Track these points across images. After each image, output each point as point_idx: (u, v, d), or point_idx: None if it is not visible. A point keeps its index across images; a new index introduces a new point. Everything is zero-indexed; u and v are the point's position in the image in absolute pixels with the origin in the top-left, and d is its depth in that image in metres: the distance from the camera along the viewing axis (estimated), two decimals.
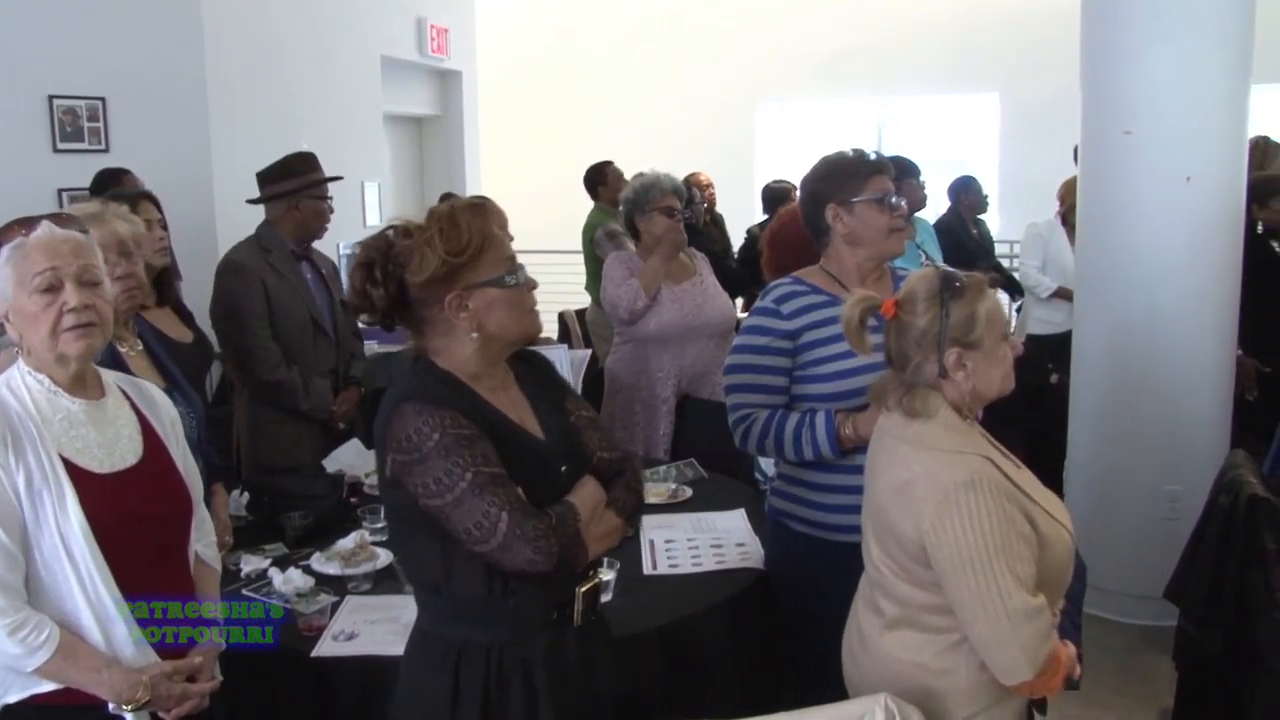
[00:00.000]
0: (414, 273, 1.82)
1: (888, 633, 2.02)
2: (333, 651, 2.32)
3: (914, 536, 1.90)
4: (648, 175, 4.12)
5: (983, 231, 7.03)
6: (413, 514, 1.83)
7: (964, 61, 10.12)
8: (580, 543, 1.86)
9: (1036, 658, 1.85)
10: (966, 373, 1.95)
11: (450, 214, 1.85)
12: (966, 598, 1.85)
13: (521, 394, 1.99)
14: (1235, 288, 4.32)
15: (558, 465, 1.94)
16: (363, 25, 7.55)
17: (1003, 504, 1.85)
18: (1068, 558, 1.99)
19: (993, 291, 2.00)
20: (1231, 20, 4.12)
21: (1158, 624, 3.92)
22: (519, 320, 1.91)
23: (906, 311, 1.98)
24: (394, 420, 1.81)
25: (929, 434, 1.95)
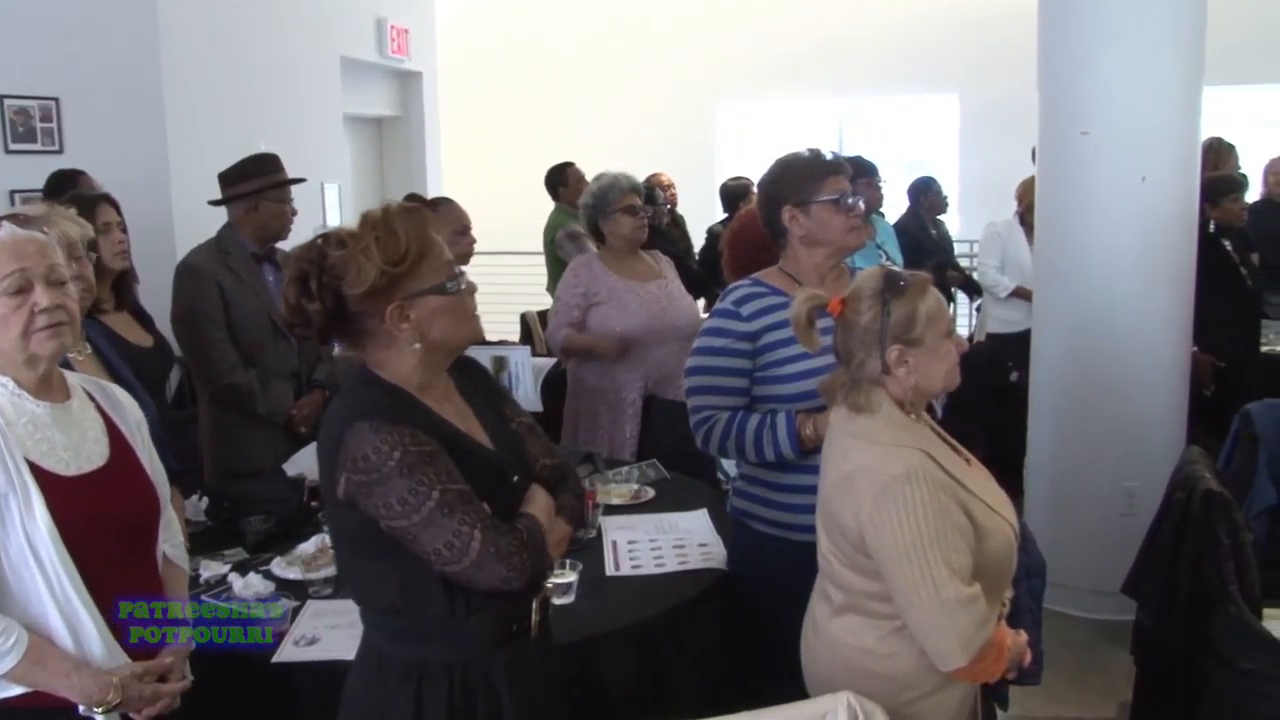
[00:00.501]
0: (351, 285, 1.74)
1: (835, 618, 2.10)
2: (293, 657, 2.29)
3: (854, 527, 1.97)
4: (606, 177, 4.11)
5: (942, 232, 7.09)
6: (366, 535, 1.76)
7: (924, 63, 10.19)
8: (546, 555, 1.85)
9: (970, 645, 1.91)
10: (908, 369, 2.01)
11: (386, 220, 1.77)
12: (902, 585, 1.92)
13: (465, 403, 1.94)
14: (1190, 286, 4.38)
15: (510, 475, 1.90)
16: (322, 26, 7.50)
17: (938, 496, 1.92)
18: (1008, 549, 2.05)
19: (935, 290, 2.05)
20: (1185, 23, 4.19)
21: (1116, 618, 3.94)
22: (461, 327, 1.85)
23: (851, 309, 2.04)
24: (348, 439, 1.72)
25: (871, 428, 2.02)
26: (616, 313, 3.95)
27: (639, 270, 4.08)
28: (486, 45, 10.97)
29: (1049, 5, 4.38)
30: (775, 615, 2.37)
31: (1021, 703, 3.37)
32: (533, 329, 6.73)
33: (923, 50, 10.12)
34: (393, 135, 9.49)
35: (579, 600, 2.49)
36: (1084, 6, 4.22)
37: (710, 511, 3.09)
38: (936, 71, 10.25)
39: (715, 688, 2.54)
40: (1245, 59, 8.35)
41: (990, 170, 6.79)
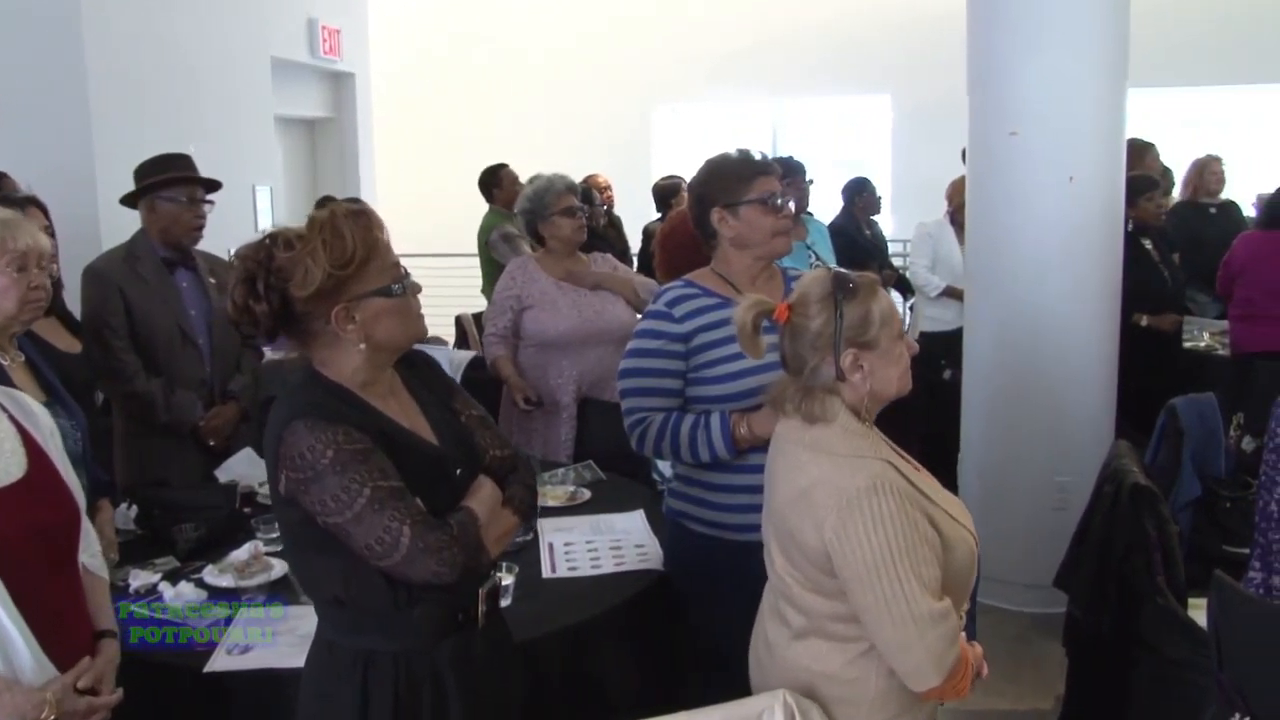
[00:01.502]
0: (298, 287, 1.76)
1: (796, 642, 1.99)
2: (226, 666, 2.25)
3: (817, 544, 1.87)
4: (542, 179, 4.10)
5: (876, 232, 7.16)
6: (310, 531, 1.80)
7: (856, 64, 10.30)
8: (483, 548, 1.86)
9: (944, 663, 1.84)
10: (864, 373, 1.93)
11: (333, 223, 1.79)
12: (872, 604, 1.82)
13: (410, 398, 1.97)
14: (1117, 283, 4.47)
15: (453, 469, 1.93)
16: (252, 26, 7.40)
17: (905, 508, 1.83)
18: (971, 560, 1.97)
19: (885, 291, 1.99)
20: (1108, 27, 4.27)
21: (1049, 611, 4.00)
22: (406, 327, 1.88)
23: (800, 314, 1.96)
24: (286, 437, 1.76)
25: (828, 439, 1.92)
26: (549, 316, 3.94)
27: (574, 273, 4.06)
28: (420, 46, 10.89)
29: (977, 9, 4.45)
30: (712, 615, 2.38)
31: None
32: (468, 331, 6.69)
33: (856, 51, 10.23)
34: (325, 137, 9.41)
35: (515, 603, 2.48)
36: (1011, 10, 4.29)
37: (647, 512, 3.09)
38: (869, 72, 10.37)
39: (652, 688, 2.54)
40: (1166, 62, 8.56)
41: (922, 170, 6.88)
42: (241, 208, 7.18)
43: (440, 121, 10.89)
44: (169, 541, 2.89)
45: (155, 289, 3.56)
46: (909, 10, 9.81)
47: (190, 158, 3.71)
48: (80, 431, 2.70)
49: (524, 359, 4.01)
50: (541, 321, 3.95)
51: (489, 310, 4.17)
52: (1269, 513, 3.32)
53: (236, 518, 3.07)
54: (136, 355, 3.49)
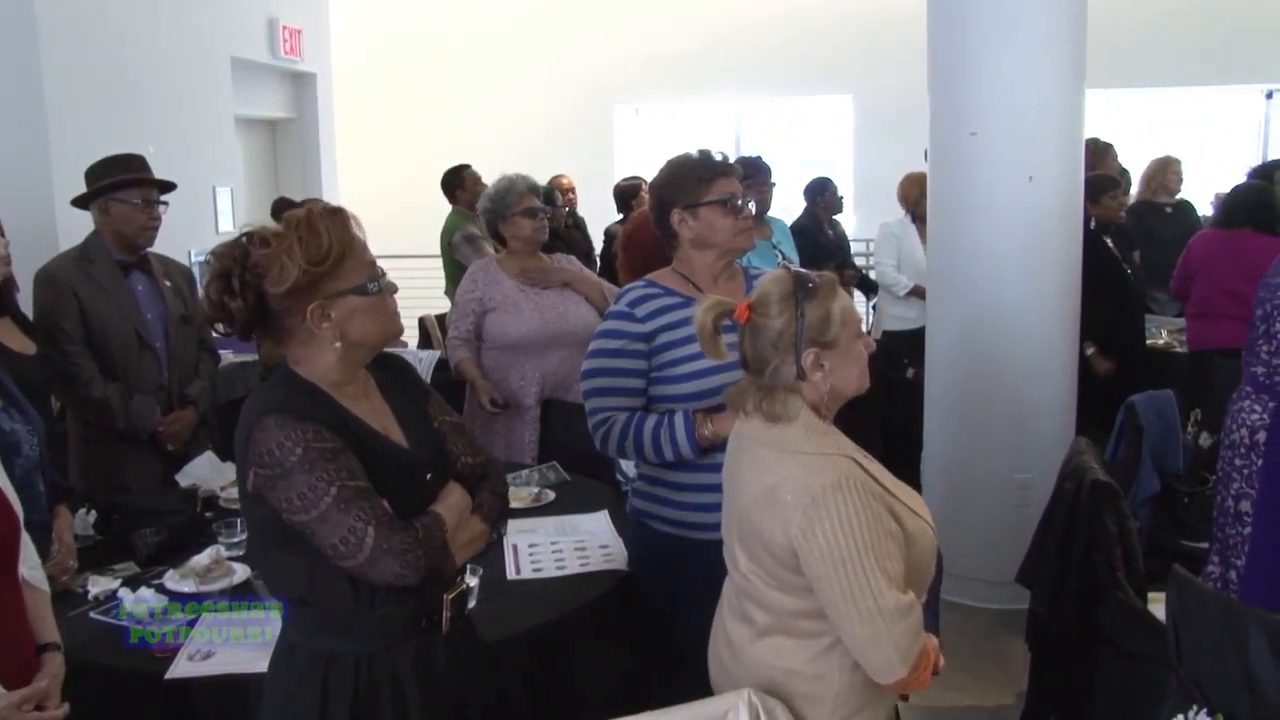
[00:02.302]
0: (274, 283, 1.77)
1: (759, 640, 2.00)
2: (188, 672, 2.23)
3: (784, 543, 1.88)
4: (504, 179, 4.08)
5: (838, 232, 7.18)
6: (275, 528, 1.80)
7: (818, 64, 10.34)
8: (447, 553, 1.86)
9: (909, 654, 1.86)
10: (825, 372, 1.94)
11: (309, 221, 1.80)
12: (839, 599, 1.84)
13: (384, 401, 1.97)
14: (1076, 282, 4.52)
15: (423, 474, 1.93)
16: (211, 25, 7.33)
17: (870, 503, 1.86)
18: (931, 553, 2.01)
19: (843, 290, 2.01)
20: (1067, 28, 4.32)
21: (1011, 607, 4.04)
22: (382, 326, 1.88)
23: (760, 314, 1.97)
24: (256, 434, 1.77)
25: (791, 438, 1.94)
26: (511, 318, 3.93)
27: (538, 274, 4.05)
28: (381, 46, 10.83)
29: (937, 10, 4.48)
30: (676, 615, 2.38)
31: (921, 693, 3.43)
32: (431, 333, 6.66)
33: (818, 52, 10.27)
34: (286, 137, 9.33)
35: (480, 605, 2.46)
36: (970, 12, 4.33)
37: (611, 513, 3.09)
38: (831, 73, 10.41)
39: (618, 689, 2.54)
40: (1122, 63, 8.66)
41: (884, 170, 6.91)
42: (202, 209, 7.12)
43: (402, 122, 10.84)
44: (129, 547, 2.85)
45: (110, 292, 3.51)
46: (871, 11, 9.87)
47: (144, 158, 3.66)
48: (37, 436, 2.66)
49: (487, 361, 4.00)
50: (504, 324, 3.94)
51: (452, 313, 4.15)
52: (1226, 508, 3.37)
53: (197, 522, 3.04)
54: (92, 360, 3.44)
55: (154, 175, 3.63)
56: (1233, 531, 3.34)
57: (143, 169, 3.61)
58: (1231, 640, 2.14)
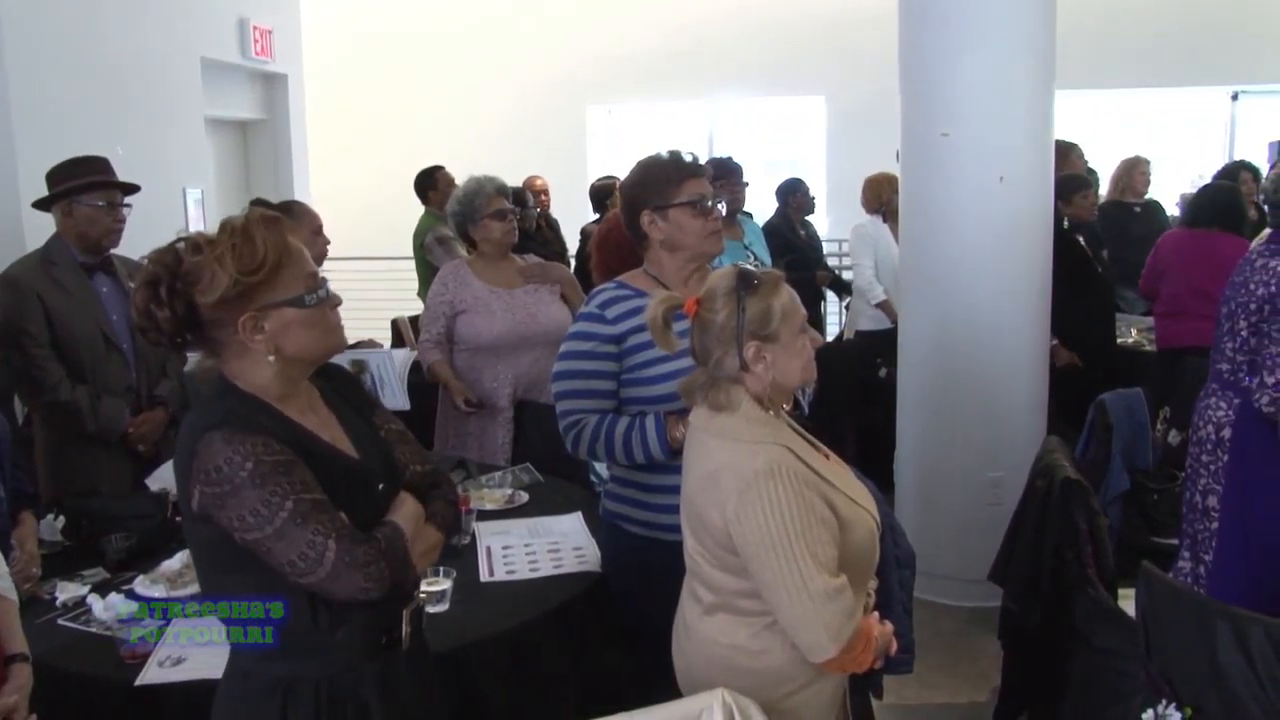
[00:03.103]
0: (203, 293, 1.69)
1: (706, 618, 2.10)
2: (159, 679, 2.21)
3: (720, 525, 1.98)
4: (473, 181, 4.07)
5: (810, 232, 7.21)
6: (224, 549, 1.71)
7: (790, 65, 10.37)
8: (409, 564, 1.81)
9: (840, 635, 1.93)
10: (766, 365, 2.02)
11: (244, 228, 1.72)
12: (771, 580, 1.93)
13: (330, 412, 1.91)
14: (1047, 281, 4.55)
15: (375, 484, 1.87)
16: (181, 25, 7.26)
17: (801, 490, 1.94)
18: (871, 540, 2.09)
19: (788, 287, 2.08)
20: (1036, 31, 4.35)
21: (984, 605, 4.06)
22: (320, 340, 1.80)
23: (706, 309, 2.05)
24: (201, 451, 1.68)
25: (732, 426, 2.03)
26: (483, 320, 3.92)
27: (509, 275, 4.05)
28: (354, 47, 10.78)
29: (908, 12, 4.50)
30: (649, 616, 2.38)
31: (896, 691, 3.46)
32: (404, 334, 6.63)
33: (790, 54, 10.30)
34: (257, 139, 9.26)
35: (453, 607, 2.46)
36: (942, 14, 4.35)
37: (585, 514, 3.09)
38: (803, 74, 10.45)
39: (592, 690, 2.53)
40: (1092, 65, 8.74)
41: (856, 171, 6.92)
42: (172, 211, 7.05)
43: (375, 123, 10.79)
44: (98, 552, 2.82)
45: (74, 295, 3.48)
46: (843, 13, 9.90)
47: (107, 160, 3.62)
48: (2, 440, 2.64)
49: (459, 363, 3.99)
50: (475, 325, 3.93)
51: (423, 316, 4.14)
52: (1194, 504, 3.41)
53: (168, 526, 3.00)
54: (59, 363, 3.41)
55: (117, 177, 3.60)
56: (1201, 527, 3.38)
57: (105, 170, 3.58)
58: (1199, 635, 2.16)
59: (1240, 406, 3.21)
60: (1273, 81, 10.40)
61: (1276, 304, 3.09)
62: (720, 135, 11.20)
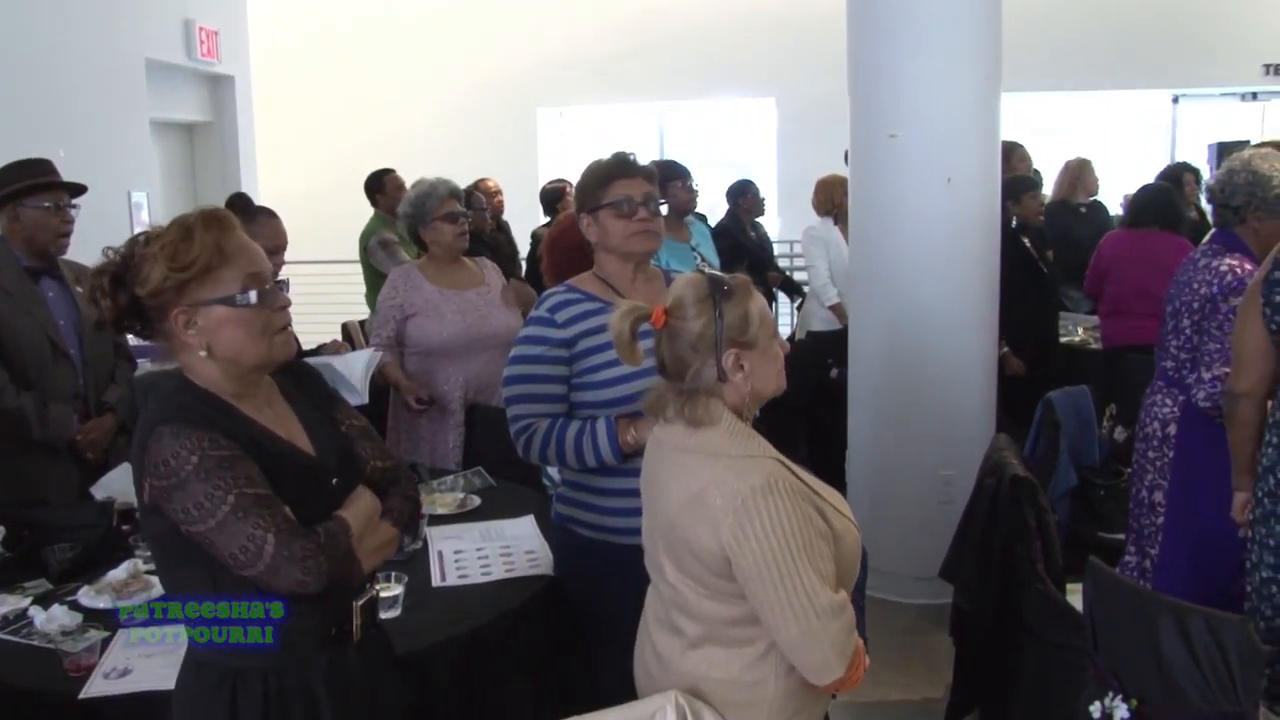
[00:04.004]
0: (140, 284, 1.76)
1: (691, 651, 1.98)
2: (104, 691, 2.16)
3: (714, 548, 1.87)
4: (424, 183, 4.04)
5: (760, 234, 7.23)
6: (175, 541, 1.76)
7: (741, 67, 10.42)
8: (353, 558, 1.83)
9: (845, 652, 1.87)
10: (745, 373, 1.94)
11: (186, 225, 1.78)
12: (774, 602, 1.83)
13: (288, 407, 1.93)
14: (995, 281, 4.60)
15: (328, 479, 1.89)
16: (124, 26, 7.17)
17: (799, 504, 1.85)
18: (857, 551, 2.01)
19: (757, 291, 2.01)
20: (983, 34, 4.40)
21: (936, 602, 4.09)
22: (255, 343, 1.81)
23: (677, 317, 1.95)
24: (150, 444, 1.73)
25: (715, 441, 1.92)
26: (433, 323, 3.90)
27: (460, 278, 4.03)
28: (302, 48, 10.68)
29: (857, 14, 4.54)
30: (602, 619, 2.38)
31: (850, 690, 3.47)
32: (355, 339, 6.58)
33: (740, 55, 10.35)
34: (204, 141, 9.17)
35: (405, 613, 2.44)
36: (890, 16, 4.38)
37: (537, 517, 3.07)
38: (754, 76, 10.51)
39: (546, 694, 2.53)
40: (1037, 68, 8.86)
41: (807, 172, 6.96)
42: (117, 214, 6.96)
43: (324, 126, 10.71)
44: (41, 563, 2.76)
45: (19, 300, 3.41)
46: (792, 15, 9.96)
47: (51, 162, 3.57)
48: None
49: (410, 366, 3.96)
50: (425, 329, 3.91)
51: (373, 320, 4.11)
52: (1141, 499, 3.47)
53: (114, 536, 2.95)
54: (3, 369, 3.35)
55: (62, 179, 3.54)
56: (1147, 521, 3.44)
57: (51, 173, 3.52)
58: (1144, 628, 2.19)
59: (1185, 403, 3.27)
60: (1212, 85, 10.64)
61: (1218, 303, 3.15)
62: (671, 137, 11.22)
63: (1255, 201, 3.17)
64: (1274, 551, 2.50)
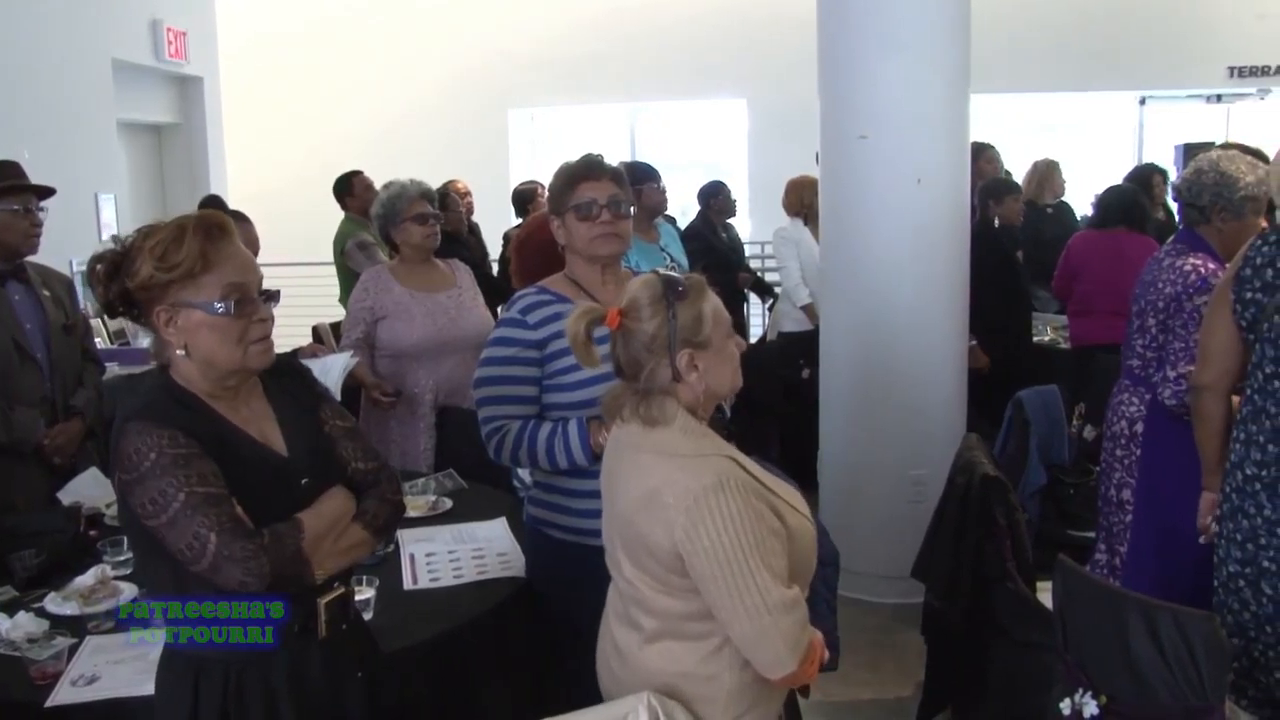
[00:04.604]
0: (130, 277, 1.82)
1: (648, 646, 2.00)
2: (71, 698, 2.14)
3: (667, 545, 1.89)
4: (394, 185, 4.03)
5: (732, 235, 7.24)
6: (142, 532, 1.81)
7: (712, 69, 10.43)
8: (301, 559, 1.84)
9: (798, 647, 1.89)
10: (699, 373, 1.96)
11: (181, 226, 1.83)
12: (726, 598, 1.86)
13: (268, 407, 1.95)
14: (965, 281, 4.63)
15: (297, 479, 1.90)
16: (90, 26, 7.10)
17: (751, 501, 1.87)
18: (812, 547, 2.05)
19: (712, 291, 2.03)
20: (952, 36, 4.43)
21: (908, 601, 4.09)
22: (228, 350, 1.85)
23: (632, 319, 1.98)
24: (119, 439, 1.79)
25: (669, 440, 1.95)
26: (403, 325, 3.88)
27: (431, 280, 4.01)
28: (271, 49, 10.61)
29: (828, 17, 4.56)
30: (575, 620, 2.38)
31: (822, 689, 3.48)
32: (326, 341, 6.54)
33: (712, 56, 10.36)
34: (172, 143, 9.10)
35: (376, 617, 2.43)
36: (860, 19, 4.41)
37: (509, 520, 3.07)
38: (725, 77, 10.52)
39: (519, 696, 2.53)
40: (1005, 69, 8.93)
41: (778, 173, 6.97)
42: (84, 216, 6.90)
43: (295, 128, 10.63)
44: (6, 570, 2.73)
45: None
46: (763, 16, 9.97)
47: (19, 165, 3.54)
48: None
49: (381, 369, 3.94)
50: (396, 331, 3.89)
51: (345, 322, 4.09)
52: (1109, 497, 3.49)
53: (81, 541, 2.93)
54: None
55: (30, 181, 3.51)
56: (1116, 519, 3.46)
57: (19, 175, 3.49)
58: (1112, 624, 2.21)
59: (1151, 402, 3.30)
60: (1179, 87, 10.75)
61: (1182, 302, 3.19)
62: (643, 138, 11.22)
63: (1221, 202, 3.21)
64: (1241, 546, 2.53)
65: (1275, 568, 2.45)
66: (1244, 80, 10.50)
